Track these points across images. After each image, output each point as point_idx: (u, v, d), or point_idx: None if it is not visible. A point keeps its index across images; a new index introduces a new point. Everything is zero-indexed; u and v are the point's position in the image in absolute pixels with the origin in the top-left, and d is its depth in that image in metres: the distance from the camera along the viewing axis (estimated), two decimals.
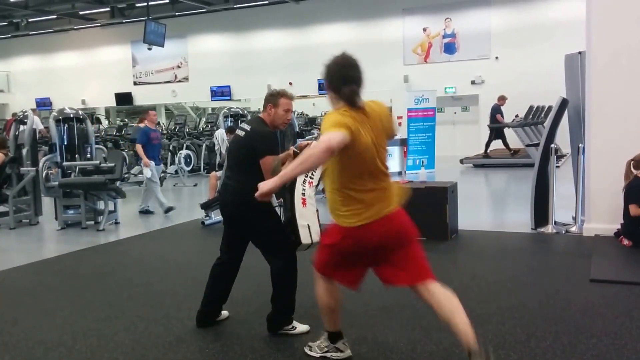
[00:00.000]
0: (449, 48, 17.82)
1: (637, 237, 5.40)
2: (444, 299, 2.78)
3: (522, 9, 16.76)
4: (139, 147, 8.51)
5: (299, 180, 3.40)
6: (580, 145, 6.26)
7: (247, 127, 3.56)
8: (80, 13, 20.24)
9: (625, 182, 5.52)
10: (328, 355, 3.17)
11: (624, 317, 3.64)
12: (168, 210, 8.60)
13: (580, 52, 6.31)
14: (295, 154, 3.41)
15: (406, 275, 2.87)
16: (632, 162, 5.49)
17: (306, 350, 3.26)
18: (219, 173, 9.29)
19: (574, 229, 6.23)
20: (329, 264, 2.94)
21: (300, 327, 3.56)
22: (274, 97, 3.53)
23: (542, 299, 3.83)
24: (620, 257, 5.22)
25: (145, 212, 8.75)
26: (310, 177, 3.46)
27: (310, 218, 3.42)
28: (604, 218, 5.84)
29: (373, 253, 2.84)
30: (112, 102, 22.40)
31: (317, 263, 3.00)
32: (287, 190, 3.39)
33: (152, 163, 8.53)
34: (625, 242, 5.48)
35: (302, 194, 3.40)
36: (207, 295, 3.72)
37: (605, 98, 5.86)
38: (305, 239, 3.39)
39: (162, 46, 17.29)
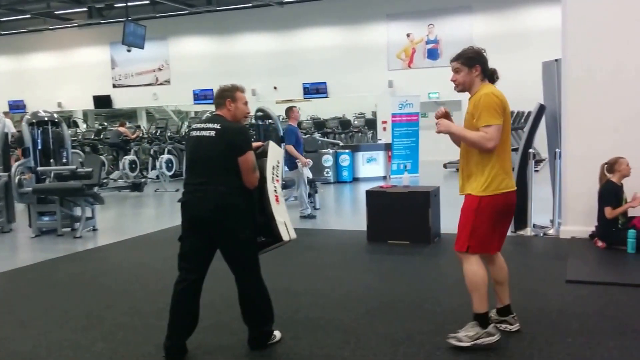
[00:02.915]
0: (432, 54, 17.96)
1: (611, 238, 5.50)
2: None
3: (502, 16, 16.99)
4: (290, 148, 7.86)
5: (269, 178, 3.37)
6: (557, 150, 6.35)
7: (215, 125, 3.28)
8: (56, 13, 19.86)
9: (599, 185, 5.61)
10: (479, 342, 3.19)
11: (598, 316, 3.72)
12: (309, 217, 8.10)
13: (556, 60, 6.40)
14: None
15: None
16: (605, 165, 5.59)
17: (452, 342, 3.25)
18: None
19: (551, 231, 6.32)
20: (487, 236, 3.25)
21: (277, 334, 3.52)
22: (230, 92, 3.41)
23: (521, 300, 3.87)
24: (594, 259, 5.32)
25: (308, 217, 8.10)
26: (277, 175, 3.46)
27: (285, 215, 3.42)
28: (579, 221, 5.94)
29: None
30: (90, 105, 22.15)
31: (475, 244, 3.22)
32: (256, 190, 3.34)
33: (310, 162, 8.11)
34: (600, 243, 5.58)
35: (275, 191, 3.39)
36: (175, 324, 3.31)
37: (580, 104, 5.95)
38: (284, 236, 3.36)
39: (142, 48, 17.14)
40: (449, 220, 6.93)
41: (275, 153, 3.53)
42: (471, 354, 3.21)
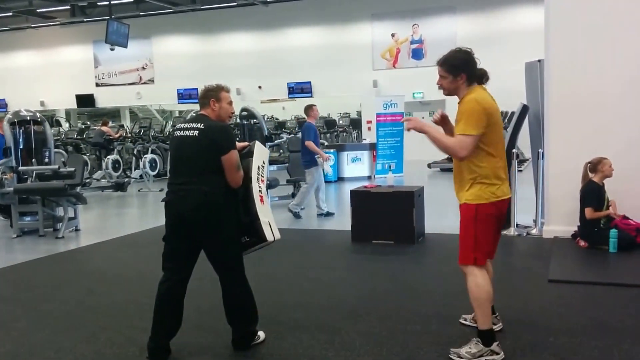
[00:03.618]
0: (417, 54, 18.04)
1: (593, 238, 5.57)
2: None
3: (486, 17, 17.12)
4: (310, 144, 7.87)
5: (254, 178, 3.36)
6: (540, 150, 6.41)
7: (199, 125, 3.27)
8: (38, 11, 19.60)
9: (582, 184, 5.67)
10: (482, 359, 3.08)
11: (579, 315, 3.76)
12: (327, 214, 8.13)
13: (539, 60, 6.46)
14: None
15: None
16: (588, 164, 5.65)
17: (453, 357, 3.14)
18: None
19: (534, 231, 6.38)
20: (489, 244, 3.18)
21: (262, 334, 3.51)
22: (215, 92, 3.40)
23: (504, 299, 3.90)
24: (576, 258, 5.38)
25: (326, 215, 8.11)
26: (262, 175, 3.44)
27: (269, 215, 3.41)
28: (562, 220, 6.00)
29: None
30: (72, 104, 21.92)
31: (481, 255, 3.12)
32: (241, 190, 3.33)
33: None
34: (582, 243, 5.65)
35: (259, 191, 3.37)
36: (159, 324, 3.30)
37: (563, 105, 6.01)
38: (269, 236, 3.35)
39: (126, 47, 17.01)
40: (433, 220, 7.01)
41: (261, 153, 3.51)
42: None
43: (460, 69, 3.11)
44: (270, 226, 3.37)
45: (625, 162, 5.68)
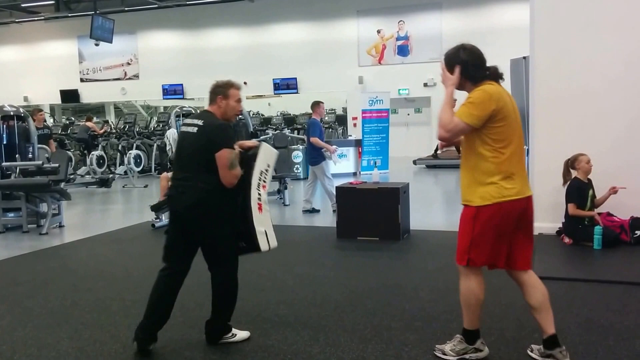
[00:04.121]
0: (402, 50, 18.08)
1: (577, 235, 5.62)
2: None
3: (471, 13, 17.18)
4: (316, 140, 7.86)
5: (254, 184, 3.31)
6: (525, 147, 6.44)
7: (199, 122, 3.31)
8: (23, 5, 19.33)
9: (563, 181, 5.72)
10: (467, 357, 3.06)
11: (564, 312, 3.77)
12: (313, 210, 8.18)
13: (524, 57, 6.49)
14: (241, 154, 3.36)
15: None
16: (568, 161, 5.70)
17: (437, 354, 3.12)
18: (171, 174, 9.13)
19: None
20: (489, 248, 2.95)
21: (241, 334, 3.48)
22: (223, 88, 3.37)
23: (489, 296, 3.90)
24: (561, 255, 5.42)
25: (311, 211, 8.18)
26: (264, 181, 3.37)
27: (266, 223, 3.38)
28: (547, 217, 6.03)
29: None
30: (57, 100, 21.68)
31: (476, 258, 2.95)
32: (239, 194, 3.31)
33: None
34: (566, 240, 5.70)
35: (258, 199, 3.33)
36: (153, 313, 3.33)
37: (548, 102, 6.05)
38: (263, 246, 3.35)
39: (110, 42, 16.88)
40: (419, 216, 7.04)
41: (266, 156, 3.39)
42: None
43: (453, 61, 2.95)
44: (267, 235, 3.35)
45: (610, 159, 5.74)
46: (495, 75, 2.97)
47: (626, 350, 3.19)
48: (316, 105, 8.17)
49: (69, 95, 21.37)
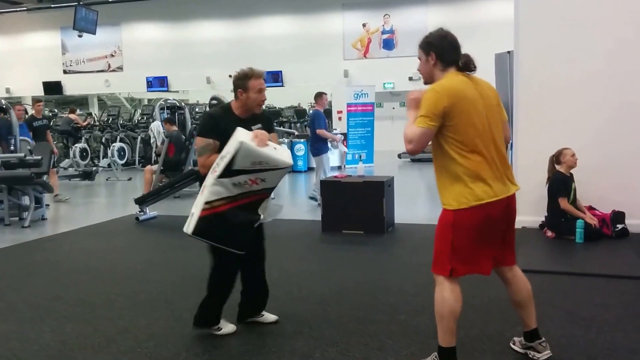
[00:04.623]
0: (388, 44, 18.08)
1: (560, 228, 5.68)
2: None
3: (456, 7, 17.22)
4: (323, 131, 7.96)
5: (212, 168, 3.13)
6: (506, 142, 6.49)
7: None
8: None
9: (548, 176, 5.78)
10: None
11: (547, 305, 3.81)
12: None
13: (509, 52, 6.53)
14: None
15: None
16: (553, 157, 5.76)
17: None
18: (155, 167, 9.08)
19: None
20: (473, 255, 2.76)
21: (227, 328, 3.47)
22: (242, 81, 3.31)
23: (472, 289, 3.94)
24: (544, 248, 5.47)
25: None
26: (217, 165, 3.11)
27: (197, 206, 3.15)
28: (530, 211, 6.08)
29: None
30: (39, 91, 21.34)
31: (459, 267, 2.75)
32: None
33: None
34: (549, 233, 5.76)
35: (205, 181, 3.17)
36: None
37: (532, 97, 6.09)
38: (185, 227, 3.16)
39: (94, 34, 16.67)
40: (403, 210, 7.06)
41: (231, 143, 3.14)
42: (424, 343, 3.26)
43: (431, 47, 2.74)
44: (191, 218, 3.15)
45: (592, 153, 5.80)
46: (465, 64, 2.76)
47: (607, 342, 3.23)
48: (319, 96, 8.26)
49: (52, 87, 21.08)
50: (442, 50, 2.74)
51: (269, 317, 3.64)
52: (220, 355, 3.20)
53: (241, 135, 3.05)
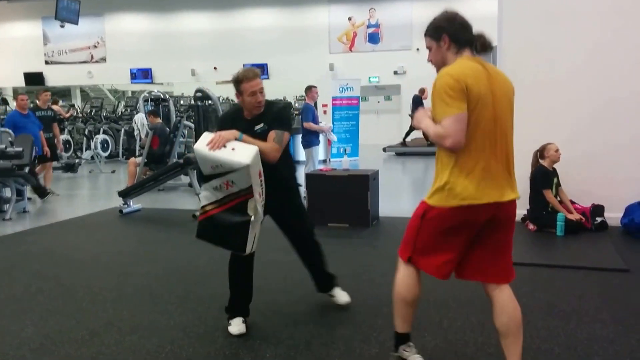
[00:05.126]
0: (373, 38, 18.09)
1: (541, 221, 5.76)
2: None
3: (441, 3, 17.01)
4: (309, 124, 8.10)
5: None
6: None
7: None
8: None
9: (532, 170, 5.85)
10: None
11: (528, 297, 3.87)
12: None
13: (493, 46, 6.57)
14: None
15: None
16: (537, 152, 5.84)
17: None
18: (139, 159, 9.02)
19: None
20: (434, 254, 2.62)
21: (234, 327, 3.40)
22: (236, 85, 3.30)
23: (455, 282, 3.98)
24: (525, 241, 5.53)
25: None
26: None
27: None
28: None
29: None
30: (21, 82, 21.05)
31: (418, 258, 2.64)
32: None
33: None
34: (531, 226, 5.84)
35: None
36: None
37: (515, 92, 6.12)
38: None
39: (76, 24, 16.42)
40: (388, 203, 7.10)
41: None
42: (412, 334, 3.28)
43: (442, 30, 2.50)
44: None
45: (573, 148, 5.88)
46: (482, 45, 2.54)
47: (586, 333, 3.29)
48: (308, 89, 8.38)
49: (34, 78, 20.78)
50: (455, 31, 2.50)
51: (339, 298, 3.78)
52: (205, 347, 3.21)
53: (199, 141, 3.13)
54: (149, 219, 7.10)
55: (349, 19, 18.23)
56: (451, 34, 2.49)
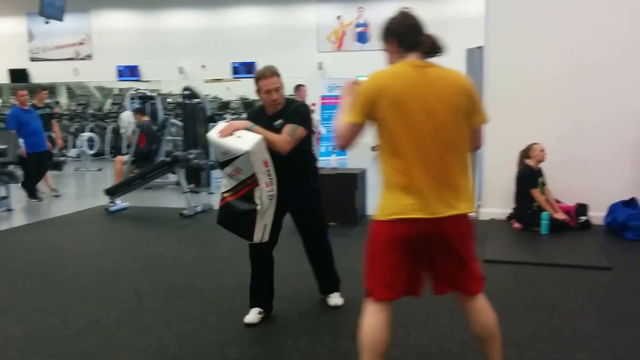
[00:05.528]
0: (362, 37, 18.12)
1: (526, 220, 5.81)
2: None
3: (428, 2, 17.28)
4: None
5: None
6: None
7: None
8: None
9: (518, 169, 5.90)
10: None
11: (512, 294, 3.92)
12: None
13: (480, 47, 6.61)
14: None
15: None
16: (522, 152, 5.89)
17: None
18: (125, 157, 8.97)
19: (472, 213, 6.57)
20: (387, 276, 2.32)
21: (248, 316, 3.50)
22: (255, 82, 3.36)
23: None
24: (510, 239, 5.60)
25: None
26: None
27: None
28: (498, 203, 6.23)
29: None
30: (5, 79, 20.81)
31: (375, 288, 2.31)
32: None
33: None
34: (516, 225, 5.90)
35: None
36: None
37: (501, 92, 6.18)
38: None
39: (61, 20, 16.24)
40: (375, 202, 7.10)
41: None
42: (395, 332, 3.30)
43: (390, 33, 2.35)
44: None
45: (559, 150, 5.94)
46: (431, 48, 2.35)
47: (569, 329, 3.33)
48: (297, 88, 8.41)
49: (18, 75, 20.54)
50: (401, 34, 2.32)
51: (332, 299, 3.80)
52: (192, 345, 3.20)
53: (213, 129, 3.32)
54: (136, 217, 7.06)
55: (338, 17, 18.25)
56: (397, 37, 2.33)
